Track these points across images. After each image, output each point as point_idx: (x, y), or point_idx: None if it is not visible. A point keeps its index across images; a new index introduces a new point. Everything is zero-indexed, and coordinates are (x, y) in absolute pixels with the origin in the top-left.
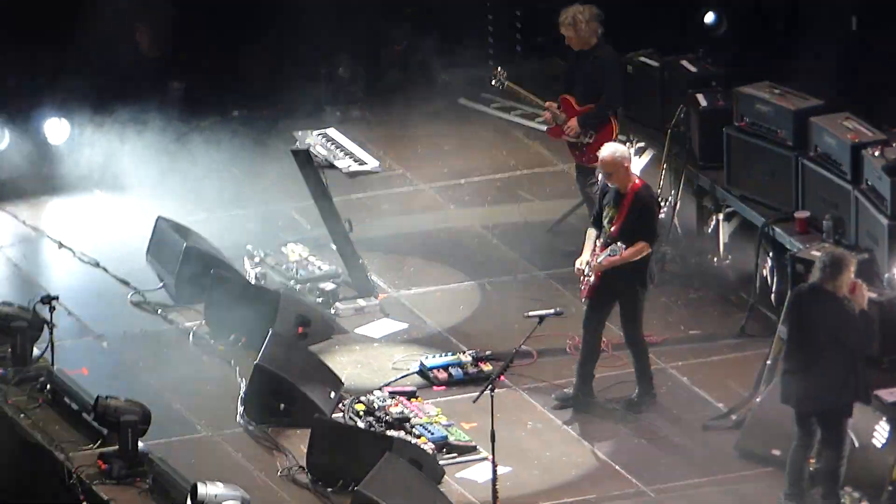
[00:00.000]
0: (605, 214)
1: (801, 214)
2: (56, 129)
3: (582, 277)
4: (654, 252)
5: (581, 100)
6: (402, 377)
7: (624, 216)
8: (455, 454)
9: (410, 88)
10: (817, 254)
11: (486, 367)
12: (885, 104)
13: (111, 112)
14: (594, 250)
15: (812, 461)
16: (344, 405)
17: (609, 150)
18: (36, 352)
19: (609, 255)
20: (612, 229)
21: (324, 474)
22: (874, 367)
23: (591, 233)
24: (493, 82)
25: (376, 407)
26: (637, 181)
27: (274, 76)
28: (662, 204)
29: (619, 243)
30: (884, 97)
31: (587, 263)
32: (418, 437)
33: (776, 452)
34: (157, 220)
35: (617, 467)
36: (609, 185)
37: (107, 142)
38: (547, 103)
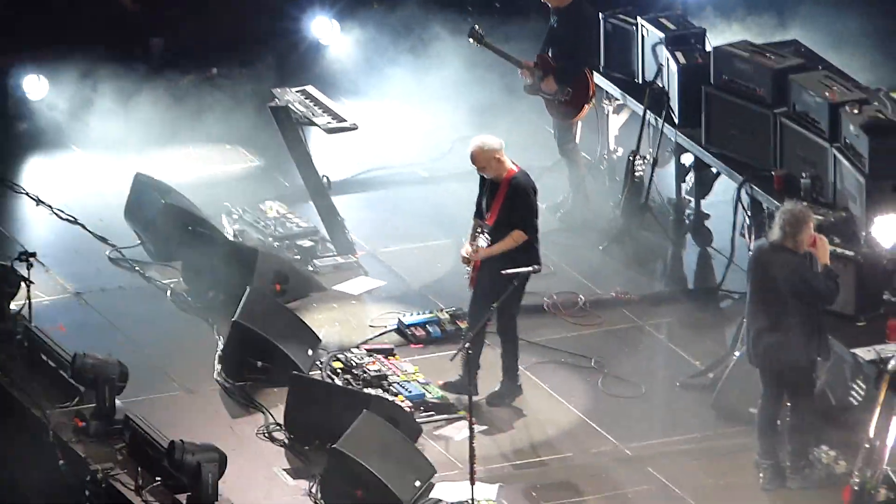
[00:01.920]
0: (484, 203)
1: (779, 172)
2: (35, 85)
3: (466, 267)
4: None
5: (558, 57)
6: (380, 335)
7: (500, 205)
8: (432, 412)
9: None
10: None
11: (464, 325)
12: (863, 62)
13: (91, 68)
14: (475, 240)
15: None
16: (321, 363)
17: (477, 143)
18: (13, 308)
19: (484, 245)
20: (489, 219)
21: (301, 432)
22: (851, 326)
23: (475, 223)
24: (471, 40)
25: (354, 364)
26: (513, 168)
27: (254, 33)
28: (640, 161)
29: (481, 239)
30: (861, 56)
31: (469, 253)
32: (396, 394)
33: (753, 410)
34: (135, 176)
35: (593, 425)
36: (485, 175)
37: (86, 98)
38: (524, 61)
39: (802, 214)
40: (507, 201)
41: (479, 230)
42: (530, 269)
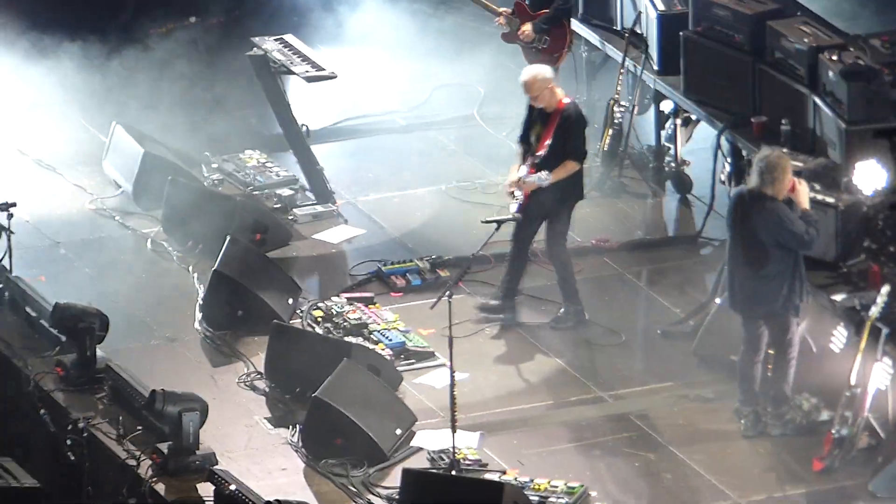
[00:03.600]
0: (532, 132)
1: (759, 119)
2: None
3: (513, 194)
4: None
5: (535, 5)
6: (360, 283)
7: (551, 135)
8: (413, 360)
9: None
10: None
11: (444, 274)
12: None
13: (68, 17)
14: (523, 167)
15: (770, 366)
16: (302, 311)
17: (530, 73)
18: None
19: (536, 181)
20: (539, 149)
21: (282, 380)
22: (832, 273)
23: (519, 149)
24: None
25: (334, 313)
26: (564, 99)
27: None
28: (618, 109)
29: (543, 173)
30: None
31: (517, 181)
32: (376, 343)
33: (733, 358)
34: (114, 125)
35: (574, 373)
36: (535, 105)
37: (64, 47)
38: (501, 9)
39: (781, 160)
40: (558, 132)
41: (526, 158)
42: (509, 216)
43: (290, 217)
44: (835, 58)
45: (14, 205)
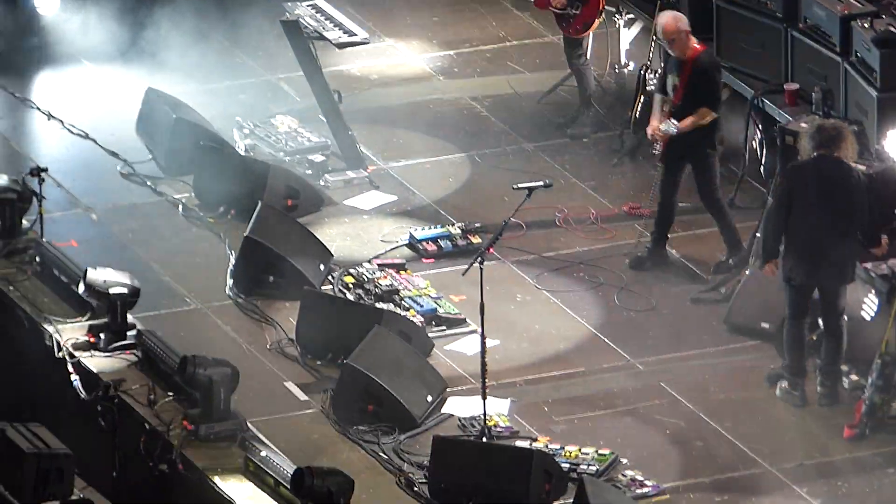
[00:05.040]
0: (668, 81)
1: (791, 86)
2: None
3: (655, 143)
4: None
5: None
6: (392, 249)
7: (685, 83)
8: (444, 327)
9: None
10: (806, 126)
11: (475, 240)
12: None
13: None
14: (662, 116)
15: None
16: (333, 277)
17: (669, 16)
18: (25, 224)
19: (666, 130)
20: (675, 98)
21: (313, 347)
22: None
23: (658, 98)
24: None
25: (366, 279)
26: (697, 46)
27: None
28: (650, 76)
29: (672, 120)
30: None
31: (657, 129)
32: (407, 309)
33: (765, 325)
34: (146, 91)
35: (605, 340)
36: (670, 52)
37: (96, 12)
38: None
39: (841, 126)
40: (692, 80)
41: (663, 108)
42: (541, 183)
43: (321, 183)
44: (867, 25)
45: (45, 170)
